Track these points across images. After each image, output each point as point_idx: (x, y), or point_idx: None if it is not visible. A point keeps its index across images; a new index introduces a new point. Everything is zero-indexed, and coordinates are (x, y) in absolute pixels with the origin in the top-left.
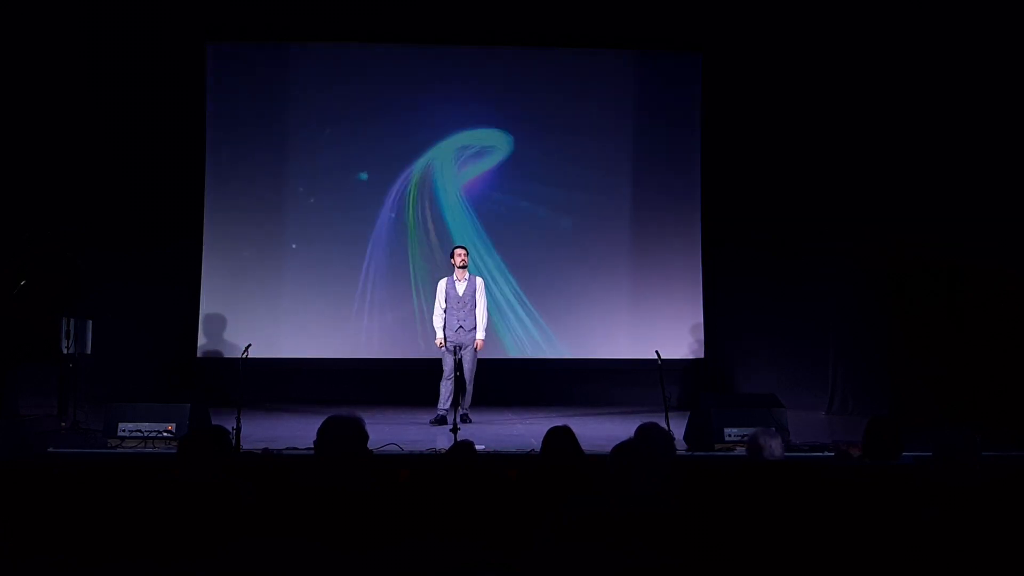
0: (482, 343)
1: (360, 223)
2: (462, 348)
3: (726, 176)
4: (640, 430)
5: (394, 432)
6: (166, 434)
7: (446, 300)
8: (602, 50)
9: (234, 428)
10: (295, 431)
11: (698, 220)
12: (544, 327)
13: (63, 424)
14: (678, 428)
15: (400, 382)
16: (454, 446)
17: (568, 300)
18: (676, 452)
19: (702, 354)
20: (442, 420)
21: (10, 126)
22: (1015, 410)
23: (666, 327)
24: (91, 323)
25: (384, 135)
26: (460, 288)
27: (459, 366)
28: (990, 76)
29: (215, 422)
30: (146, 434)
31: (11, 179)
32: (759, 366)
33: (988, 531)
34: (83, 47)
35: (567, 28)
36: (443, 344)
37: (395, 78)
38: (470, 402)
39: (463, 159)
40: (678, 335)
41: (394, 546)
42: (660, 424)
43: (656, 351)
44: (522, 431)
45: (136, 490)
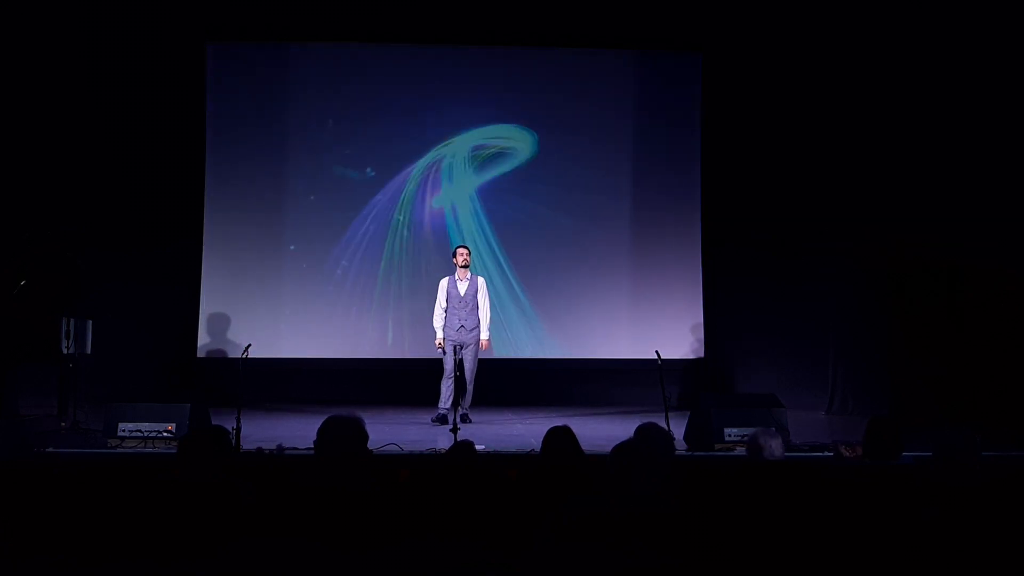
0: (487, 343)
1: (360, 223)
2: (463, 347)
3: (726, 176)
4: (640, 430)
5: (394, 432)
6: (166, 434)
7: (447, 299)
8: (602, 50)
9: (234, 428)
10: (295, 431)
11: (698, 220)
12: (544, 327)
13: (63, 424)
14: (678, 428)
15: (400, 382)
16: (454, 446)
17: (568, 300)
18: (676, 452)
19: (702, 354)
20: (443, 419)
21: (10, 126)
22: (1015, 410)
23: (666, 327)
24: (91, 323)
25: (384, 135)
26: (462, 288)
27: (459, 366)
28: (990, 76)
29: (215, 422)
30: (146, 434)
31: (11, 179)
32: (759, 366)
33: (988, 531)
34: (83, 47)
35: (567, 28)
36: (441, 345)
37: (394, 78)
38: (470, 402)
39: (464, 158)
40: (678, 335)
41: (394, 546)
42: (660, 424)
43: (656, 351)
44: (522, 431)
45: (136, 490)
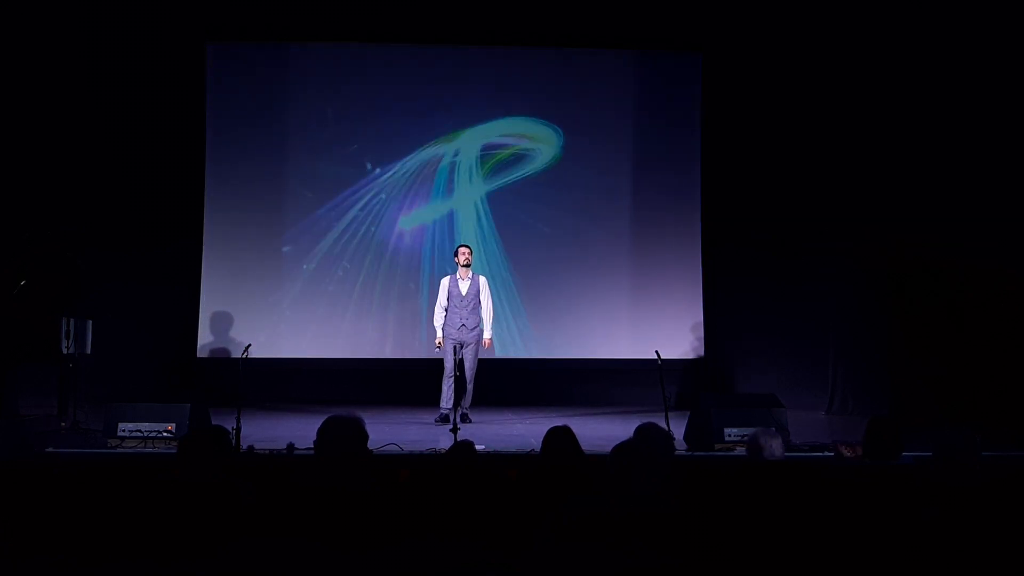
0: (491, 341)
1: (361, 222)
2: (463, 347)
3: (726, 176)
4: (639, 430)
5: (394, 432)
6: (166, 434)
7: (448, 298)
8: (602, 50)
9: (234, 428)
10: (295, 431)
11: (698, 220)
12: (545, 327)
13: (63, 424)
14: (678, 428)
15: (400, 382)
16: (454, 446)
17: (568, 300)
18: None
19: (702, 354)
20: (446, 419)
21: (10, 126)
22: (1015, 410)
23: (666, 327)
24: (91, 323)
25: (385, 135)
26: (463, 287)
27: (459, 365)
28: (990, 76)
29: (215, 422)
30: (146, 434)
31: (11, 179)
32: (759, 366)
33: (988, 531)
34: (83, 47)
35: (567, 28)
36: (440, 344)
37: (395, 78)
38: (470, 401)
39: (467, 157)
40: (678, 335)
41: (394, 546)
42: (659, 424)
43: (656, 351)
44: (522, 431)
45: (136, 490)
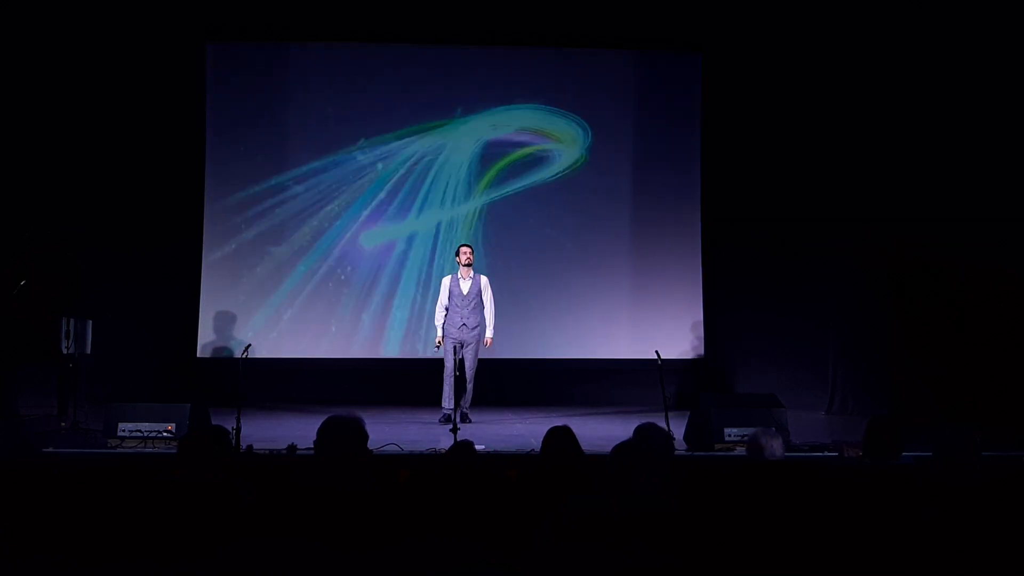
0: (491, 340)
1: (361, 222)
2: (464, 346)
3: (726, 176)
4: (639, 430)
5: (394, 432)
6: (166, 434)
7: (450, 298)
8: (602, 50)
9: (234, 428)
10: (295, 431)
11: (698, 220)
12: (544, 327)
13: (63, 424)
14: (678, 428)
15: (400, 382)
16: (454, 446)
17: (568, 300)
18: (675, 452)
19: (702, 354)
20: (449, 419)
21: (10, 126)
22: (1015, 410)
23: (666, 327)
24: (91, 323)
25: (385, 135)
26: (465, 286)
27: (459, 365)
28: (990, 76)
29: (215, 422)
30: (146, 434)
31: (11, 179)
32: (759, 366)
33: (988, 531)
34: (83, 47)
35: (567, 28)
36: (440, 343)
37: (395, 78)
38: (470, 401)
39: (466, 157)
40: (678, 335)
41: (394, 546)
42: (659, 424)
43: (656, 351)
44: (522, 431)
45: (136, 490)
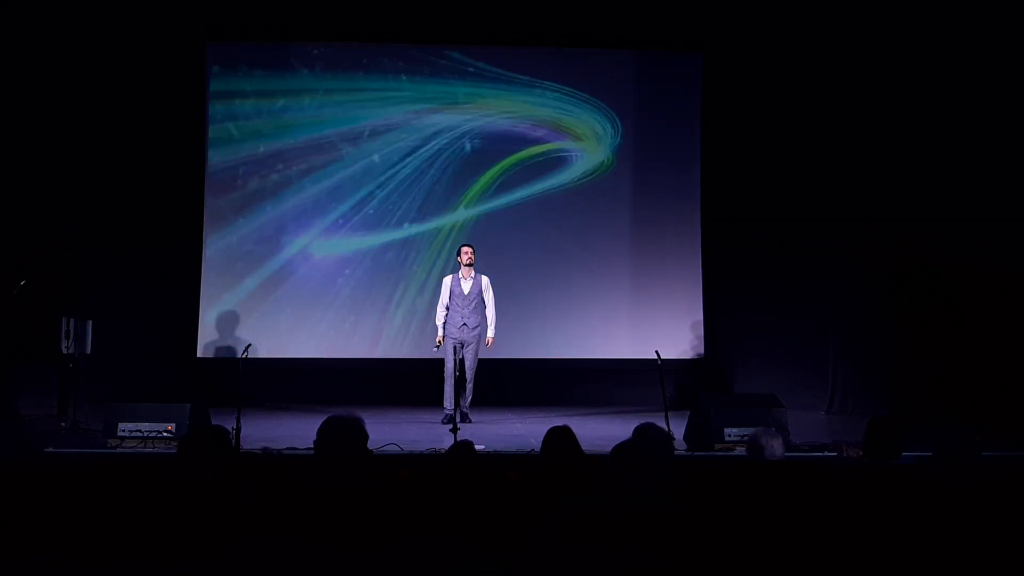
0: (493, 340)
1: (361, 222)
2: (464, 346)
3: (726, 176)
4: (638, 430)
5: (394, 432)
6: (166, 434)
7: (451, 298)
8: (602, 50)
9: (234, 428)
10: (295, 431)
11: (698, 220)
12: (544, 327)
13: (63, 424)
14: (678, 428)
15: (400, 382)
16: (454, 446)
17: (568, 300)
18: (675, 452)
19: (702, 353)
20: (452, 419)
21: (10, 126)
22: (1015, 410)
23: (666, 327)
24: (91, 323)
25: (385, 135)
26: (466, 286)
27: (459, 365)
28: (990, 76)
29: (215, 422)
30: (146, 434)
31: (11, 179)
32: (759, 366)
33: (988, 531)
34: (83, 47)
35: (567, 28)
36: (441, 343)
37: (395, 78)
38: (470, 401)
39: (466, 157)
40: (678, 335)
41: (394, 546)
42: (658, 424)
43: (656, 351)
44: (522, 431)
45: (136, 490)
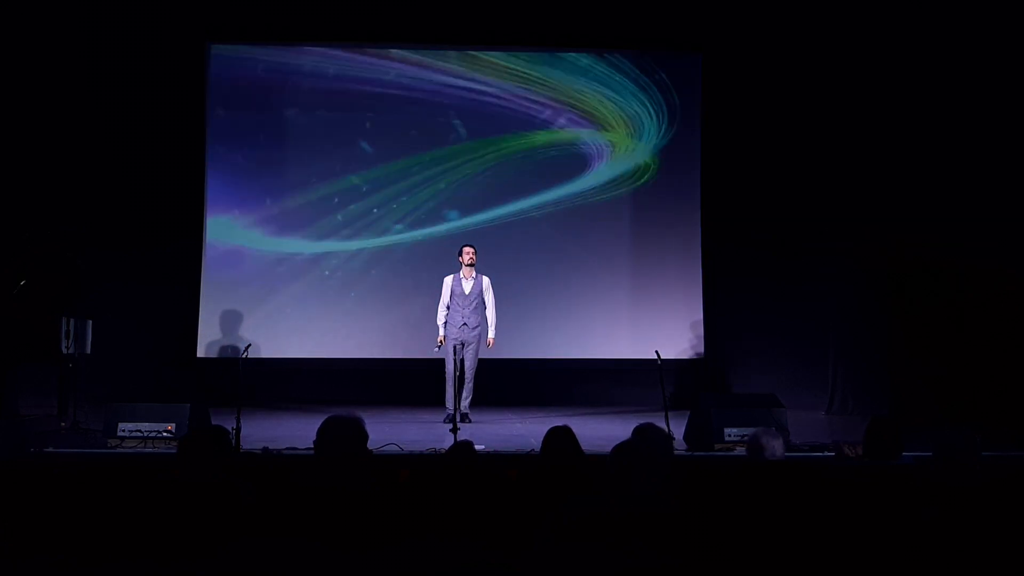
0: (493, 341)
1: (361, 222)
2: (464, 346)
3: (726, 176)
4: (638, 430)
5: (394, 432)
6: (166, 434)
7: (451, 297)
8: (602, 50)
9: (234, 428)
10: (295, 431)
11: (698, 220)
12: (544, 327)
13: (63, 424)
14: (678, 428)
15: (400, 382)
16: (454, 446)
17: (568, 300)
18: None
19: (702, 353)
20: (451, 418)
21: (10, 126)
22: (1015, 410)
23: (666, 327)
24: (91, 323)
25: (385, 135)
26: (467, 286)
27: (459, 365)
28: (990, 76)
29: (215, 422)
30: (146, 434)
31: (11, 179)
32: (759, 366)
33: (988, 531)
34: (84, 47)
35: (567, 29)
36: (442, 342)
37: (395, 79)
38: (470, 401)
39: (466, 157)
40: (678, 335)
41: (394, 546)
42: (657, 424)
43: (656, 351)
44: (522, 431)
45: (136, 490)
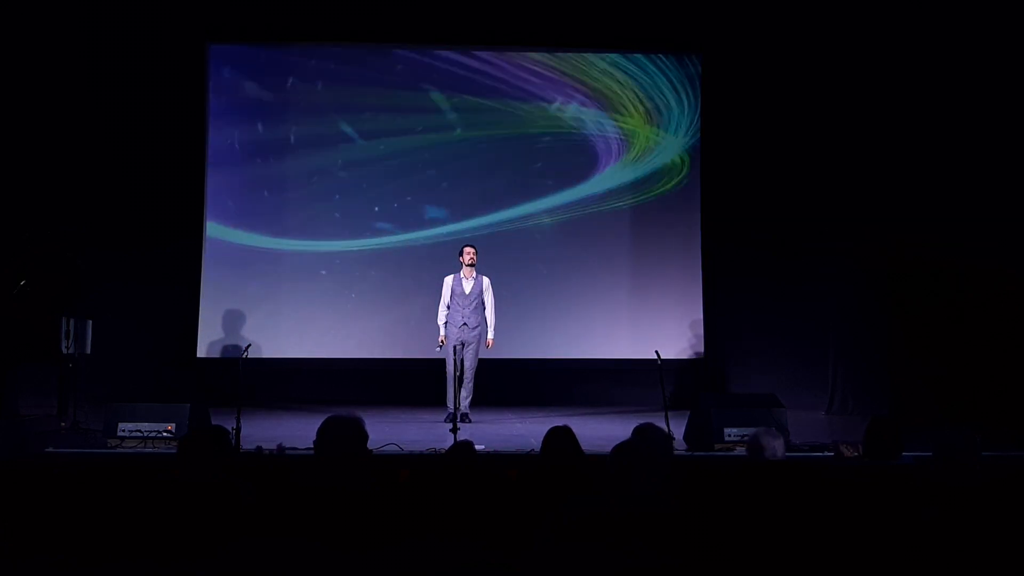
0: (492, 342)
1: (361, 222)
2: (465, 346)
3: (726, 176)
4: (637, 430)
5: (394, 432)
6: (166, 434)
7: (451, 297)
8: (602, 51)
9: (234, 428)
10: (295, 431)
11: (698, 220)
12: (544, 327)
13: (63, 424)
14: (678, 428)
15: (400, 382)
16: (454, 446)
17: (568, 300)
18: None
19: (702, 353)
20: (451, 418)
21: (10, 126)
22: (1015, 410)
23: (666, 327)
24: (91, 323)
25: (385, 136)
26: (467, 286)
27: (459, 365)
28: (990, 76)
29: (215, 422)
30: (146, 434)
31: (11, 179)
32: (759, 366)
33: (988, 531)
34: (84, 47)
35: (567, 29)
36: (443, 342)
37: (395, 79)
38: (470, 401)
39: (465, 157)
40: (678, 335)
41: (394, 546)
42: (657, 424)
43: (656, 351)
44: (522, 431)
45: (136, 490)
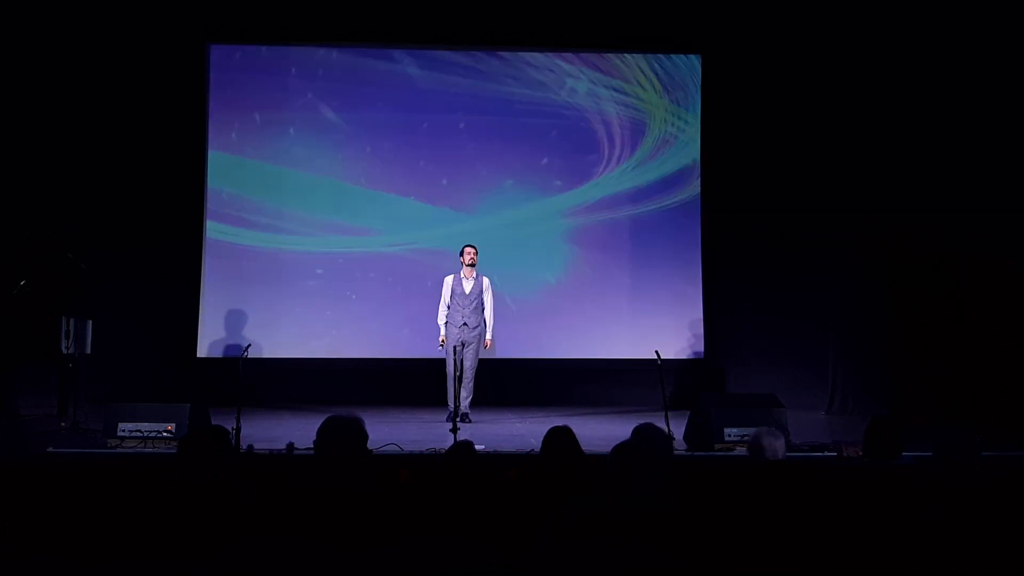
0: (491, 342)
1: (361, 222)
2: (465, 346)
3: (726, 173)
4: (637, 431)
5: (394, 432)
6: (166, 434)
7: (452, 297)
8: (602, 52)
9: (234, 428)
10: (295, 431)
11: (698, 220)
12: (544, 327)
13: (63, 424)
14: (678, 428)
15: (400, 382)
16: (454, 446)
17: (568, 300)
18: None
19: (701, 353)
20: (452, 417)
21: (10, 126)
22: (1015, 410)
23: (666, 326)
24: (91, 323)
25: (385, 136)
26: (467, 286)
27: (459, 365)
28: (989, 70)
29: (215, 422)
30: (146, 434)
31: (11, 179)
32: (759, 366)
33: (988, 531)
34: (84, 47)
35: (567, 30)
36: (444, 342)
37: (395, 80)
38: (470, 401)
39: (464, 158)
40: (678, 334)
41: (394, 546)
42: (657, 424)
43: (656, 351)
44: (522, 431)
45: (136, 490)
